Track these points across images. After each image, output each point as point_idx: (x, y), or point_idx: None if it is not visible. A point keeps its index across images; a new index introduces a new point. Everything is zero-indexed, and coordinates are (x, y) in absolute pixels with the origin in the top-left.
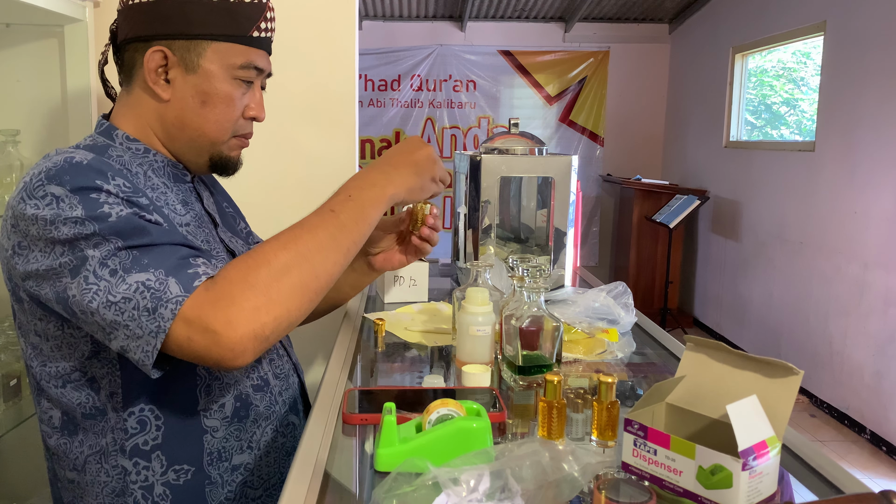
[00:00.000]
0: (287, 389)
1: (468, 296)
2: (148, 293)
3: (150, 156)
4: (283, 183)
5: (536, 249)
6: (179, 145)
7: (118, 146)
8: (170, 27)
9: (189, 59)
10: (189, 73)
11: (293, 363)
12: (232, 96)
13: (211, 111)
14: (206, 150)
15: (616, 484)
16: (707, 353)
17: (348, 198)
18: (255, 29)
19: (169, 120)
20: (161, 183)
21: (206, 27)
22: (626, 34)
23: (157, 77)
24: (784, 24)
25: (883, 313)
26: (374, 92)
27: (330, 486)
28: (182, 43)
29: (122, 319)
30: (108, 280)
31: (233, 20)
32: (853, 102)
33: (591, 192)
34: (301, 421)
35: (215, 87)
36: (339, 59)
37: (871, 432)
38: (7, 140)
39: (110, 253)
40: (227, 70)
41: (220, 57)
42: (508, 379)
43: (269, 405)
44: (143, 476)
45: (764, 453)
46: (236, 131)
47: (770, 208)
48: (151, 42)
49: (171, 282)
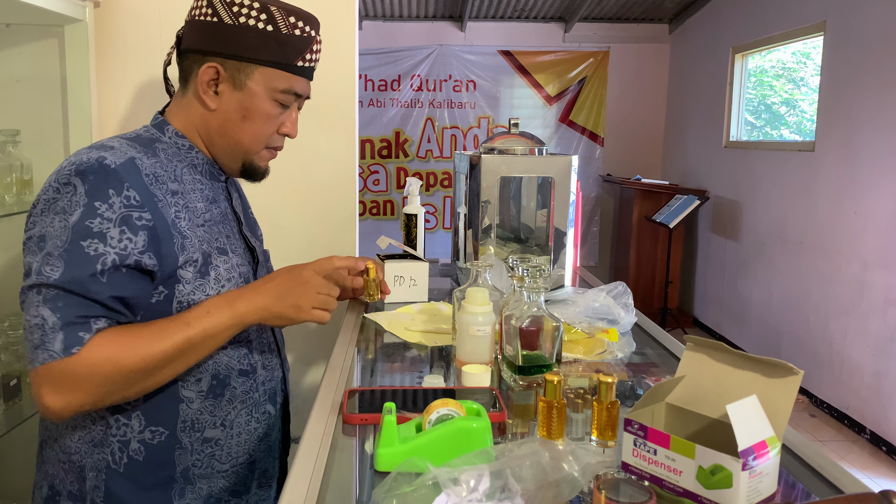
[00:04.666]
0: (270, 381)
1: (468, 296)
2: (40, 332)
3: (192, 153)
4: (282, 183)
5: (536, 249)
6: (218, 149)
7: (167, 140)
8: (226, 48)
9: (238, 78)
10: (236, 89)
11: (281, 359)
12: (270, 115)
13: (250, 125)
14: (240, 157)
15: (616, 484)
16: (707, 353)
17: (206, 313)
18: (300, 59)
19: (212, 126)
20: (195, 179)
21: (256, 53)
22: (626, 34)
23: (207, 88)
24: (784, 24)
25: (883, 313)
26: (374, 92)
27: (330, 486)
28: (234, 63)
29: (24, 334)
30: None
31: (281, 50)
32: (853, 102)
33: (591, 192)
34: (277, 412)
35: (257, 105)
36: (339, 59)
37: (871, 432)
38: (7, 140)
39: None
40: (269, 92)
41: (265, 80)
42: (508, 379)
43: (249, 391)
44: (122, 431)
45: (764, 453)
46: (269, 144)
47: (770, 208)
48: (208, 57)
49: (59, 337)
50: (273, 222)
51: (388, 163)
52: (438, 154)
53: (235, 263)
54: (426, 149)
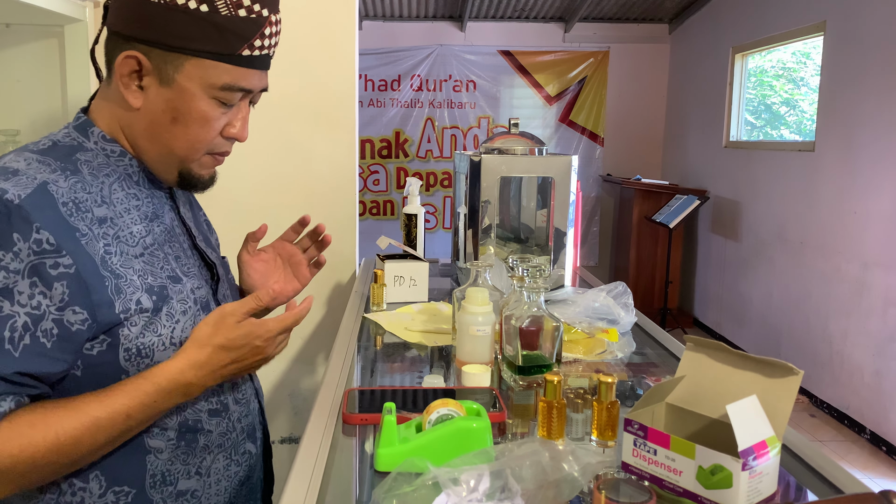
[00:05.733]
0: (247, 416)
1: (468, 296)
2: None
3: (125, 160)
4: (282, 183)
5: (536, 249)
6: (147, 156)
7: (92, 146)
8: (150, 33)
9: (165, 71)
10: (163, 85)
11: (255, 388)
12: (208, 117)
13: (182, 130)
14: (175, 165)
15: (616, 484)
16: (707, 353)
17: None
18: (246, 47)
19: (137, 129)
20: (130, 194)
21: (186, 40)
22: (626, 34)
23: (129, 82)
24: (784, 24)
25: (883, 313)
26: (374, 92)
27: (330, 486)
28: (160, 52)
29: None
30: None
31: (220, 37)
32: (853, 102)
33: (591, 192)
34: (258, 450)
35: (189, 106)
36: (339, 59)
37: (871, 432)
38: (7, 140)
39: None
40: (206, 89)
41: (199, 74)
42: (508, 379)
43: (226, 432)
44: (78, 497)
45: (764, 453)
46: (211, 150)
47: (770, 208)
48: (130, 42)
49: None
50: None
51: (388, 163)
52: (438, 154)
53: (190, 289)
54: (426, 149)
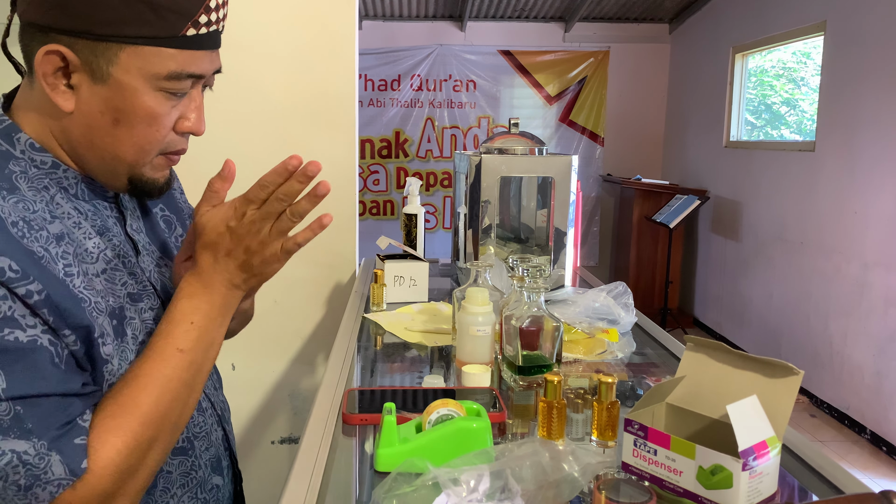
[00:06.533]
0: (209, 448)
1: (468, 296)
2: (23, 469)
3: (59, 172)
4: None
5: (536, 249)
6: (90, 166)
7: (20, 157)
8: (72, 20)
9: (96, 65)
10: (97, 82)
11: (218, 414)
12: (155, 113)
13: (126, 132)
14: (124, 172)
15: (616, 484)
16: (707, 353)
17: (191, 325)
18: (190, 26)
19: (73, 135)
20: (73, 209)
21: (117, 26)
22: (626, 34)
23: (55, 81)
24: (784, 23)
25: (883, 313)
26: (374, 92)
27: (330, 486)
28: (87, 43)
29: None
30: None
31: (157, 17)
32: (853, 102)
33: (591, 192)
34: (226, 481)
35: (131, 103)
36: (339, 59)
37: (872, 432)
38: None
39: None
40: (149, 81)
41: (138, 64)
42: (508, 379)
43: (189, 471)
44: None
45: (764, 453)
46: (164, 149)
47: (770, 208)
48: (48, 33)
49: (55, 460)
50: None
51: (388, 163)
52: (438, 154)
53: (149, 307)
54: (426, 149)
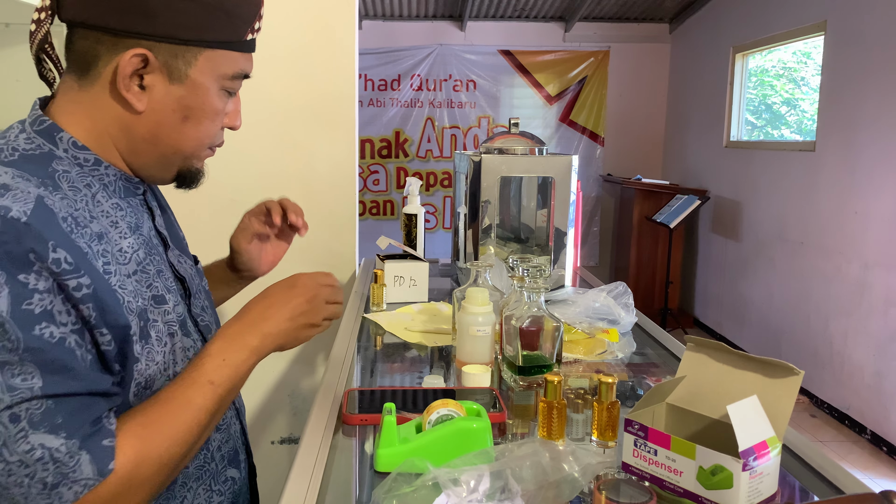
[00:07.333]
0: (227, 442)
1: (468, 296)
2: (52, 466)
3: (100, 169)
4: (282, 182)
5: (536, 249)
6: (145, 160)
7: (63, 156)
8: (155, 27)
9: (175, 66)
10: (173, 82)
11: (236, 408)
12: (217, 109)
13: (193, 127)
14: (177, 164)
15: (616, 484)
16: (707, 354)
17: (223, 363)
18: (249, 31)
19: (139, 134)
20: (113, 204)
21: (199, 31)
22: (626, 34)
23: (131, 83)
24: (784, 23)
25: (883, 313)
26: (373, 92)
27: (330, 486)
28: (168, 47)
29: (5, 481)
30: (6, 426)
31: (231, 24)
32: (853, 102)
33: (591, 192)
34: (242, 474)
35: (202, 101)
36: (339, 59)
37: (872, 432)
38: None
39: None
40: (218, 80)
41: (212, 66)
42: (508, 379)
43: (203, 464)
44: None
45: (764, 453)
46: (211, 143)
47: (770, 208)
48: (123, 38)
49: (85, 459)
50: None
51: (388, 163)
52: (438, 154)
53: (173, 307)
54: (426, 149)
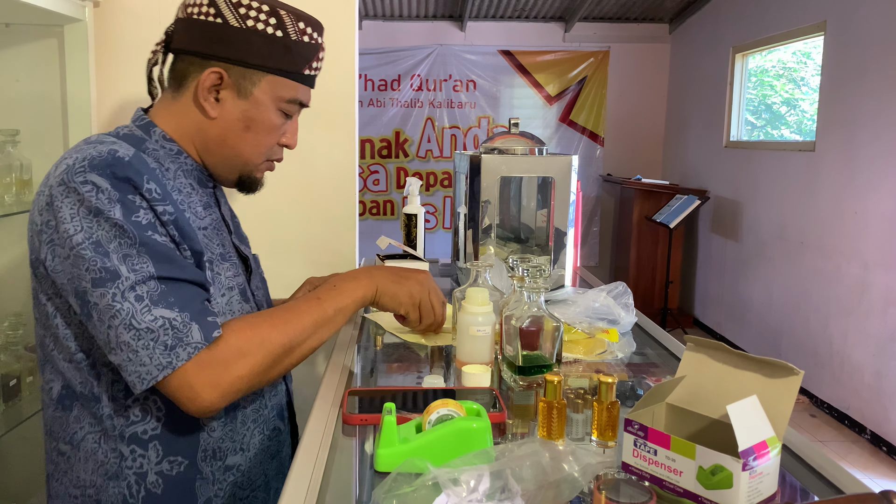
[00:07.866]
0: (275, 396)
1: (468, 296)
2: (171, 331)
3: (181, 157)
4: (282, 182)
5: (536, 249)
6: (214, 160)
7: (153, 142)
8: (231, 52)
9: (243, 85)
10: (241, 97)
11: None
12: (274, 125)
13: (252, 136)
14: (238, 168)
15: (616, 484)
16: (707, 353)
17: (332, 288)
18: (307, 67)
19: (210, 135)
20: (188, 184)
21: (265, 59)
22: (626, 34)
23: (208, 95)
24: (784, 23)
25: (883, 313)
26: (373, 92)
27: (330, 486)
28: (239, 69)
29: (136, 345)
30: (132, 304)
31: (290, 57)
32: (853, 102)
33: (591, 192)
34: (286, 426)
35: (261, 115)
36: (339, 59)
37: (872, 432)
38: (7, 140)
39: (140, 279)
40: (275, 101)
41: (272, 88)
42: (508, 379)
43: (258, 408)
44: (138, 463)
45: (764, 453)
46: (269, 156)
47: (770, 208)
48: (210, 61)
49: (195, 327)
50: (273, 222)
51: (388, 163)
52: (438, 154)
53: (234, 273)
54: (426, 149)
